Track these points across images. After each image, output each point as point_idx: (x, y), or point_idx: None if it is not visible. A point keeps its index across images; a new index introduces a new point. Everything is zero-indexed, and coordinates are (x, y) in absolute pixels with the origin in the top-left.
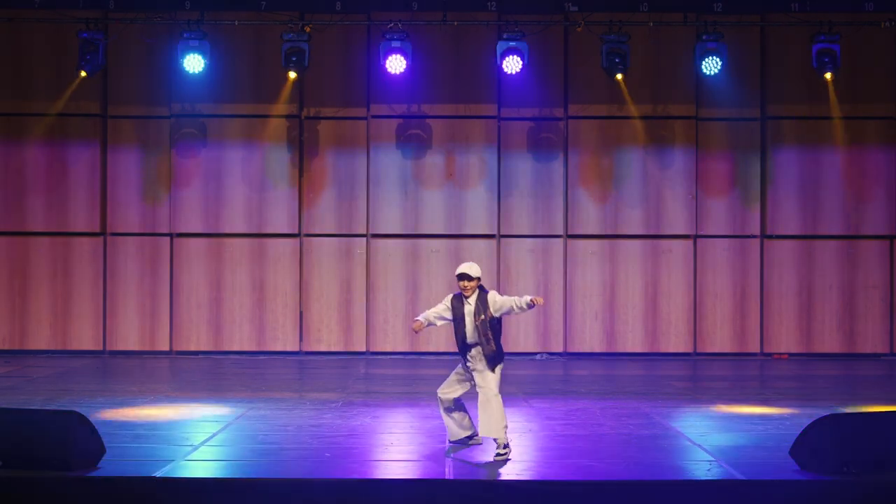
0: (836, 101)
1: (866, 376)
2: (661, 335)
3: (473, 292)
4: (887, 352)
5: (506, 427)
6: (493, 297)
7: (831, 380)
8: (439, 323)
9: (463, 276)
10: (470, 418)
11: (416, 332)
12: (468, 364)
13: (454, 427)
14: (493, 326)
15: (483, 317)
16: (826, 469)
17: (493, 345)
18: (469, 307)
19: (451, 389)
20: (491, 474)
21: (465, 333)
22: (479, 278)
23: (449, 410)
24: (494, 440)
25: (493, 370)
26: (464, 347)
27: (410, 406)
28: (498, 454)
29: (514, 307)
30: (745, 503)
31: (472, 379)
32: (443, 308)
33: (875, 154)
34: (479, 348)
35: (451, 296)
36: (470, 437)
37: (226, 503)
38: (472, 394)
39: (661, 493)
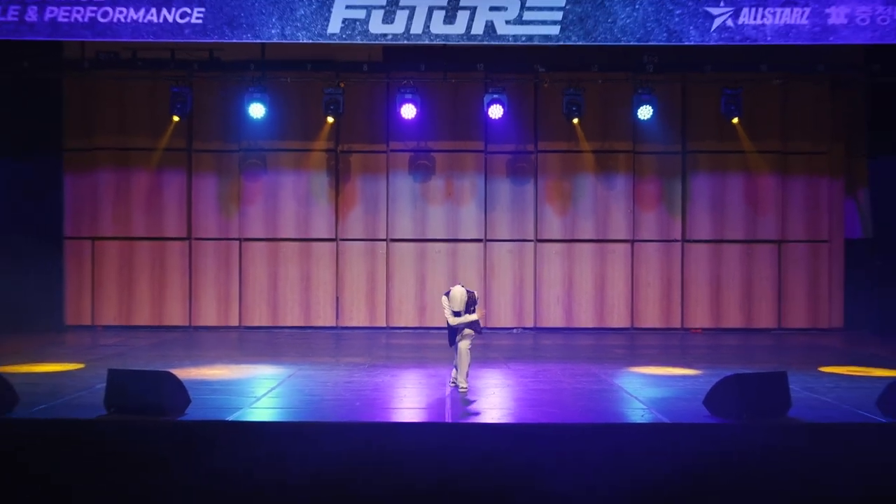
0: (739, 138)
1: (760, 345)
2: (606, 314)
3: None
4: (775, 327)
5: (466, 374)
6: (476, 294)
7: (734, 348)
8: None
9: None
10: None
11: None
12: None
13: (453, 373)
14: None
15: (473, 301)
16: (729, 415)
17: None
18: (460, 296)
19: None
20: (478, 418)
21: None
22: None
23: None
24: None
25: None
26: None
27: (419, 367)
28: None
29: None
30: (669, 440)
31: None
32: (446, 304)
33: (767, 179)
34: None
35: (444, 297)
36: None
37: (280, 441)
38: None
39: (606, 433)
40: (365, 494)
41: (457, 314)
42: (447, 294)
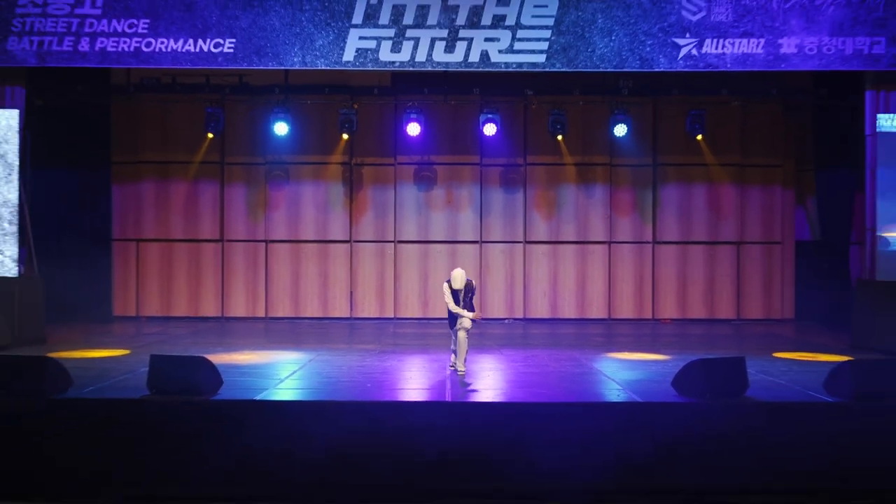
0: (703, 153)
1: (721, 334)
2: (587, 307)
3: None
4: (735, 318)
5: (465, 359)
6: (474, 283)
7: (698, 336)
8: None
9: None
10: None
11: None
12: (459, 321)
13: (452, 358)
14: (469, 294)
15: (471, 290)
16: (694, 395)
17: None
18: (460, 283)
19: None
20: (475, 397)
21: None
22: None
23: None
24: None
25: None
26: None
27: (423, 353)
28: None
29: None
30: (642, 417)
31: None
32: (447, 291)
33: (727, 189)
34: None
35: (445, 283)
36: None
37: (302, 417)
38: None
39: (587, 411)
40: (375, 464)
41: (455, 293)
42: (448, 281)
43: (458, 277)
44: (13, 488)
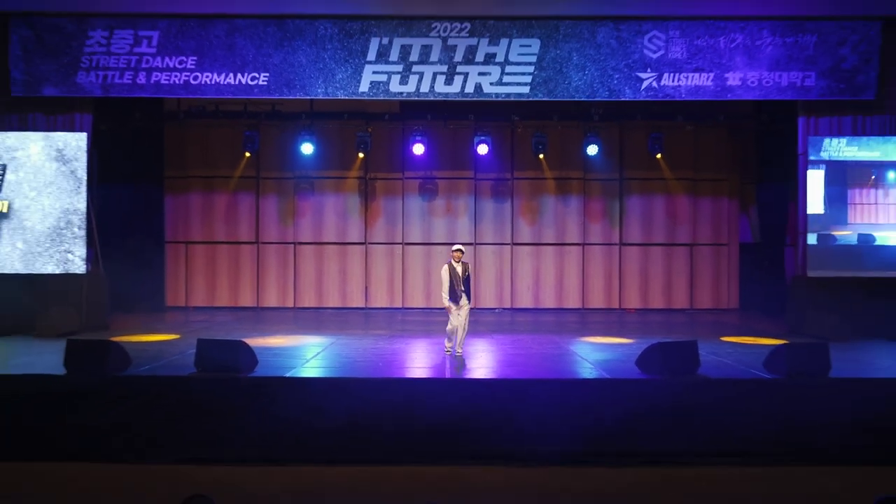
0: (661, 169)
1: (677, 321)
2: (564, 298)
3: (460, 260)
4: (688, 307)
5: (462, 342)
6: (469, 267)
7: (658, 324)
8: (446, 284)
9: (458, 250)
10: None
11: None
12: (459, 302)
13: (448, 344)
14: (467, 280)
15: (467, 274)
16: (653, 372)
17: (468, 291)
18: (460, 268)
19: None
20: (470, 374)
21: (456, 283)
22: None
23: (448, 337)
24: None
25: (468, 304)
26: (454, 292)
27: (426, 338)
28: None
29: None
30: (610, 391)
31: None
32: (445, 277)
33: (682, 199)
34: (463, 292)
35: (445, 266)
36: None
37: (325, 392)
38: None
39: (564, 386)
40: (386, 430)
41: (454, 280)
42: (449, 262)
43: (460, 253)
44: (78, 451)
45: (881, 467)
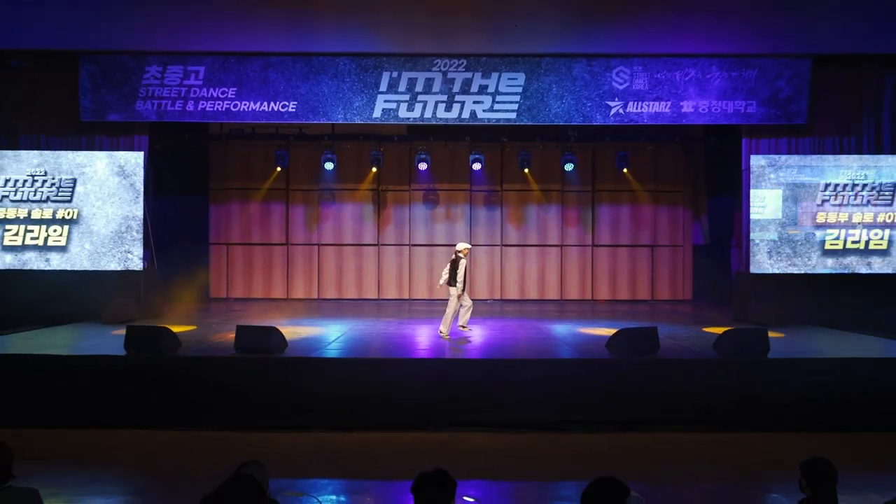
0: (628, 181)
1: (640, 311)
2: (545, 291)
3: (466, 256)
4: (650, 299)
5: (449, 323)
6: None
7: (625, 312)
8: (445, 276)
9: (467, 248)
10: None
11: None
12: (462, 292)
13: (453, 323)
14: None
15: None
16: (621, 353)
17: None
18: (464, 263)
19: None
20: (466, 355)
21: (463, 275)
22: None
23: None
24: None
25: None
26: (465, 282)
27: (429, 323)
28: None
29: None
30: (585, 369)
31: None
32: (448, 270)
33: (645, 207)
34: (467, 284)
35: (450, 262)
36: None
37: (345, 369)
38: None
39: (546, 365)
40: (396, 401)
41: (454, 267)
42: (458, 251)
43: (463, 248)
44: (136, 419)
45: (812, 434)
